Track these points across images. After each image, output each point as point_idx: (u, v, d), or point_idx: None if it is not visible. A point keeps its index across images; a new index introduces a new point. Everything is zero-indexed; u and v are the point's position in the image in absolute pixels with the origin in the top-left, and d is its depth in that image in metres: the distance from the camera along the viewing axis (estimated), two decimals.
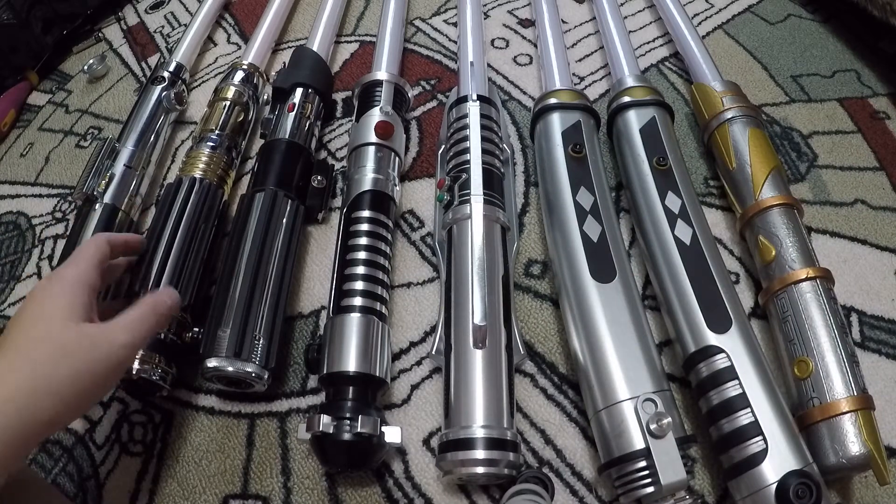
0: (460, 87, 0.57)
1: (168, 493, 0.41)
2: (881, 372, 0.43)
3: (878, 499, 0.38)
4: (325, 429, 0.37)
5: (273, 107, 0.57)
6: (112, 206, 0.51)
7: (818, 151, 0.55)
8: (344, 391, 0.40)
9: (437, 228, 0.50)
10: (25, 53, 0.74)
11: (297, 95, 0.57)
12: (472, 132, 0.50)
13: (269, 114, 0.57)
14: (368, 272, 0.44)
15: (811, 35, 0.66)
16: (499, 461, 0.36)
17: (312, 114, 0.57)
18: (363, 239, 0.46)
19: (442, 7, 0.73)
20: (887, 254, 0.48)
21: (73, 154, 0.66)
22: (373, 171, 0.50)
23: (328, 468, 0.41)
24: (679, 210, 0.45)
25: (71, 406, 0.33)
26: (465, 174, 0.48)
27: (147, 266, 0.45)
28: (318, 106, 0.58)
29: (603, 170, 0.49)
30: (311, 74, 0.59)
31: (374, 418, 0.38)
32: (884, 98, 0.59)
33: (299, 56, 0.61)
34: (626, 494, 0.36)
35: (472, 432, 0.37)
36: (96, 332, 0.34)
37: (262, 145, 0.54)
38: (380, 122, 0.52)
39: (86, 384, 0.33)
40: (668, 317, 0.42)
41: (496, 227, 0.46)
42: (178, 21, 0.79)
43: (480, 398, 0.38)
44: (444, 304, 0.44)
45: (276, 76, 0.60)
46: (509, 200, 0.50)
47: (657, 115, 0.51)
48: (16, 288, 0.55)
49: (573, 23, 0.69)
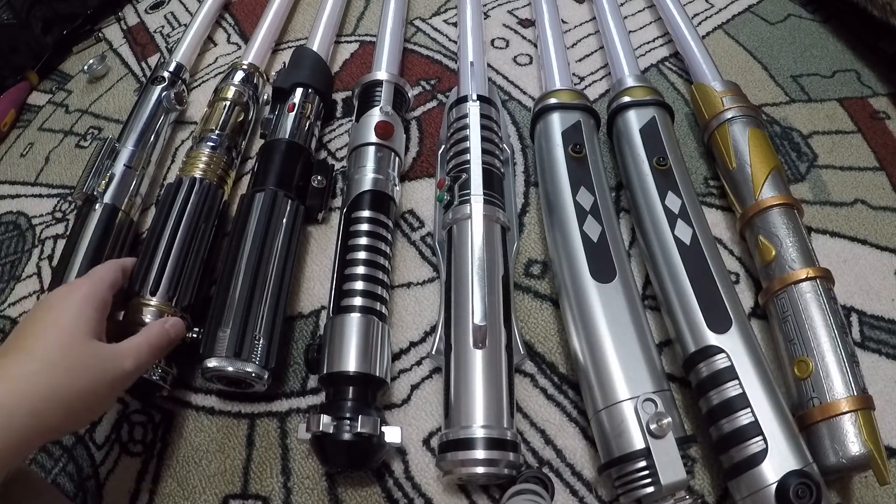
0: (460, 87, 0.57)
1: (168, 493, 0.41)
2: (881, 372, 0.43)
3: (878, 499, 0.38)
4: (325, 429, 0.37)
5: (273, 107, 0.57)
6: (112, 206, 0.51)
7: (818, 151, 0.55)
8: (344, 391, 0.40)
9: (436, 228, 0.50)
10: (25, 53, 0.74)
11: (297, 95, 0.57)
12: (472, 132, 0.50)
13: (269, 114, 0.57)
14: (368, 272, 0.44)
15: (811, 35, 0.66)
16: (499, 461, 0.36)
17: (312, 114, 0.57)
18: (363, 239, 0.46)
19: (442, 7, 0.73)
20: (887, 254, 0.48)
21: (73, 154, 0.66)
22: (373, 171, 0.50)
23: (328, 468, 0.41)
24: (679, 210, 0.45)
25: (75, 418, 0.34)
26: (465, 174, 0.48)
27: (147, 266, 0.45)
28: (318, 106, 0.58)
29: (603, 170, 0.49)
30: (311, 74, 0.59)
31: (374, 418, 0.38)
32: (884, 98, 0.59)
33: (299, 56, 0.61)
34: (626, 494, 0.36)
35: (472, 432, 0.37)
36: (108, 352, 0.35)
37: (262, 145, 0.54)
38: (380, 122, 0.52)
39: (91, 400, 0.34)
40: (668, 317, 0.42)
41: (496, 227, 0.46)
42: (178, 21, 0.79)
43: (480, 398, 0.38)
44: (444, 304, 0.44)
45: (276, 76, 0.60)
46: (509, 200, 0.50)
47: (657, 115, 0.51)
48: (16, 288, 0.55)
49: (573, 23, 0.69)
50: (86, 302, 0.37)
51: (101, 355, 0.35)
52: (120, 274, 0.41)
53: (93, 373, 0.34)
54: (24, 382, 0.31)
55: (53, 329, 0.34)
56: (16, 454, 0.31)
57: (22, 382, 0.31)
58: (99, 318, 0.37)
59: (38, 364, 0.32)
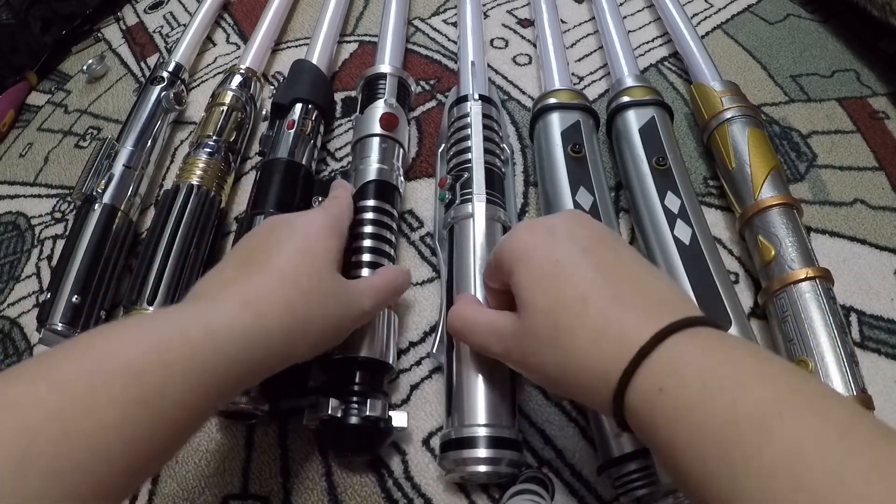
0: (461, 86, 0.57)
1: (168, 494, 0.41)
2: (881, 372, 0.43)
3: None
4: (334, 412, 0.38)
5: (272, 122, 0.55)
6: (111, 206, 0.51)
7: (817, 151, 0.55)
8: (351, 376, 0.40)
9: (437, 227, 0.50)
10: (24, 53, 0.74)
11: (296, 111, 0.55)
12: (473, 131, 0.50)
13: (268, 130, 0.55)
14: (374, 259, 0.44)
15: (810, 35, 0.66)
16: (501, 459, 0.36)
17: (312, 130, 0.55)
18: (368, 227, 0.46)
19: (441, 7, 0.73)
20: (887, 254, 0.48)
21: (73, 154, 0.66)
22: (377, 161, 0.50)
23: (335, 453, 0.41)
24: (678, 210, 0.45)
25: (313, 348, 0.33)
26: (466, 173, 0.48)
27: (145, 274, 0.45)
28: (317, 122, 0.56)
29: (602, 170, 0.49)
30: (310, 89, 0.57)
31: (382, 401, 0.39)
32: (883, 98, 0.59)
33: (298, 69, 0.59)
34: (625, 494, 0.36)
35: (474, 431, 0.37)
36: (350, 289, 0.34)
37: (260, 164, 0.52)
38: (384, 114, 0.52)
39: (332, 333, 0.33)
40: None
41: (497, 226, 0.46)
42: (177, 21, 0.79)
43: (482, 396, 0.38)
44: (444, 302, 0.44)
45: (273, 91, 0.58)
46: (510, 200, 0.50)
47: (656, 114, 0.51)
48: (15, 288, 0.55)
49: (572, 23, 0.69)
50: (329, 230, 0.35)
51: (345, 291, 0.33)
52: (351, 215, 0.40)
53: (337, 303, 0.32)
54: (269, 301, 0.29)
55: (296, 249, 0.32)
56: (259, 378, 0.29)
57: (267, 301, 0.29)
58: (339, 249, 0.35)
59: (281, 283, 0.30)
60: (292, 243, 0.33)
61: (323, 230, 0.35)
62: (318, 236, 0.34)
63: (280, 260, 0.32)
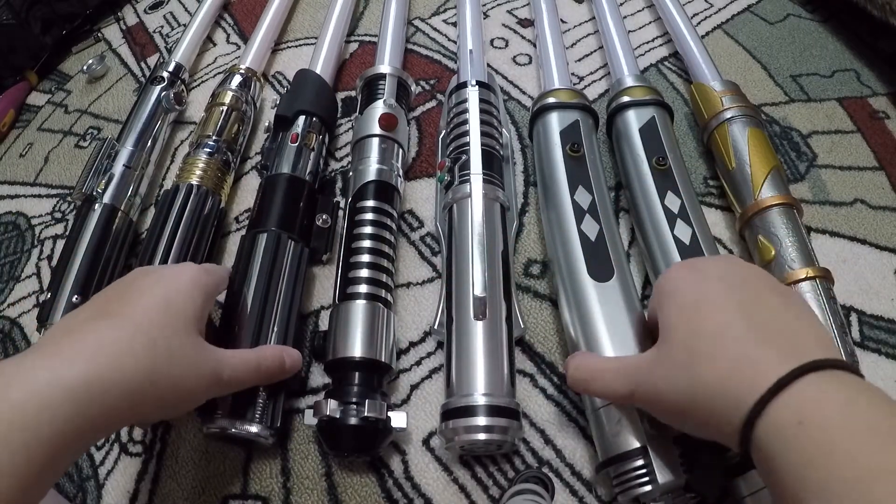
0: (459, 73, 0.58)
1: (168, 494, 0.41)
2: (881, 372, 0.43)
3: None
4: (332, 413, 0.38)
5: (275, 134, 0.54)
6: (111, 206, 0.51)
7: (817, 151, 0.55)
8: (350, 377, 0.40)
9: (437, 209, 0.51)
10: (24, 53, 0.74)
11: (299, 124, 0.54)
12: (471, 115, 0.51)
13: (271, 143, 0.54)
14: (373, 260, 0.45)
15: (810, 35, 0.66)
16: (500, 428, 0.37)
17: (316, 144, 0.54)
18: (368, 228, 0.46)
19: (441, 7, 0.73)
20: (887, 253, 0.48)
21: (73, 154, 0.66)
22: (377, 161, 0.50)
23: (334, 453, 0.41)
24: (678, 210, 0.45)
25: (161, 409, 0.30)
26: (464, 155, 0.49)
27: None
28: (321, 136, 0.55)
29: (601, 169, 0.49)
30: (314, 101, 0.56)
31: (380, 402, 0.39)
32: (883, 98, 0.59)
33: (302, 80, 0.58)
34: (623, 493, 0.36)
35: (473, 400, 0.37)
36: (208, 354, 0.32)
37: (263, 179, 0.51)
38: (384, 115, 0.52)
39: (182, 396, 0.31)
40: None
41: (496, 205, 0.47)
42: (177, 21, 0.79)
43: (481, 367, 0.38)
44: (445, 279, 0.44)
45: (276, 99, 0.58)
46: (508, 182, 0.51)
47: (657, 114, 0.51)
48: (15, 288, 0.55)
49: (572, 22, 0.69)
50: (197, 288, 0.33)
51: (202, 351, 0.31)
52: (226, 280, 0.37)
53: (189, 364, 0.30)
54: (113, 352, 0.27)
55: (156, 301, 0.30)
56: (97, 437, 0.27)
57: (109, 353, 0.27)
58: (204, 308, 0.33)
59: (131, 334, 0.28)
60: (153, 294, 0.31)
61: (189, 285, 0.33)
62: (182, 291, 0.32)
63: (135, 310, 0.30)
